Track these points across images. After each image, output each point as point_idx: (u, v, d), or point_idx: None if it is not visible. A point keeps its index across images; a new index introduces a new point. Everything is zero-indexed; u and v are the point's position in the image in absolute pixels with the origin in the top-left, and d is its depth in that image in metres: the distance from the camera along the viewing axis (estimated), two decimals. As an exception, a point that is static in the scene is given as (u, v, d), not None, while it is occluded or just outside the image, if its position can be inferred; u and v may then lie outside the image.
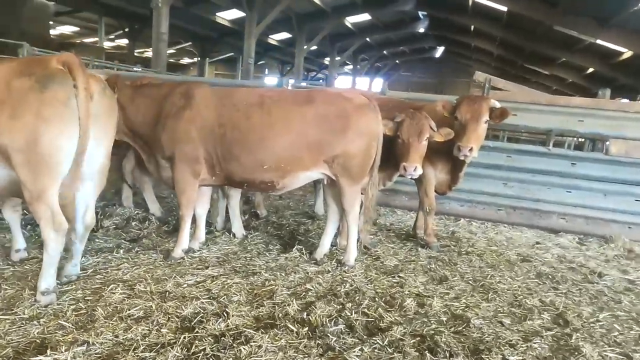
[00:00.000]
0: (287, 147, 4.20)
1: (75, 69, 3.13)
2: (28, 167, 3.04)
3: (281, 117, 4.22)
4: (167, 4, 15.00)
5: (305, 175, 4.42)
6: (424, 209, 5.42)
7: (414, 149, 4.60)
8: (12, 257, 4.00)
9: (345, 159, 4.28)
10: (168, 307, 3.33)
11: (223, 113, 4.23)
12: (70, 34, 36.33)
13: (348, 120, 4.26)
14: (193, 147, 4.26)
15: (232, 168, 4.29)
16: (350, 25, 29.63)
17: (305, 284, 3.99)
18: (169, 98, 4.36)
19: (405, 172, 4.60)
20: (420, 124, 4.66)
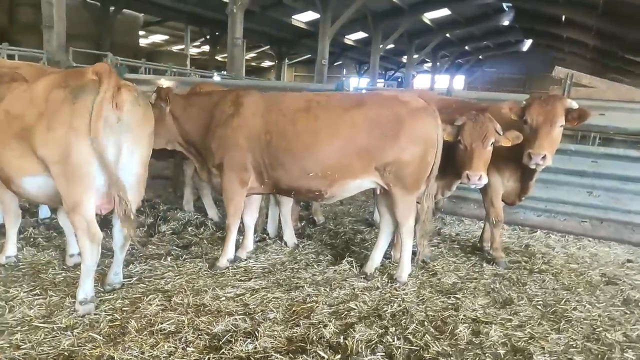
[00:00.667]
0: (333, 153, 3.97)
1: (103, 76, 3.11)
2: (63, 178, 3.08)
3: (328, 122, 4.00)
4: (241, 10, 15.34)
5: (355, 183, 4.14)
6: (490, 221, 4.91)
7: (477, 156, 4.13)
8: (67, 262, 4.14)
9: (398, 167, 3.96)
10: (200, 323, 3.22)
11: (270, 119, 4.11)
12: (160, 42, 38.75)
13: (402, 125, 3.94)
14: (241, 155, 4.16)
15: (279, 176, 4.14)
16: (428, 21, 28.63)
17: (349, 302, 3.73)
18: (219, 106, 4.31)
19: (469, 182, 4.13)
20: (485, 127, 4.18)
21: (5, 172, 3.40)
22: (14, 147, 3.24)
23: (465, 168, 4.14)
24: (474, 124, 4.20)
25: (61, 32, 10.22)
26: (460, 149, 4.22)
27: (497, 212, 4.83)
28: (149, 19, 27.97)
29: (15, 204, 4.05)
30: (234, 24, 15.46)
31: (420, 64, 41.83)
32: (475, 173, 4.08)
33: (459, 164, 4.24)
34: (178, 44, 36.55)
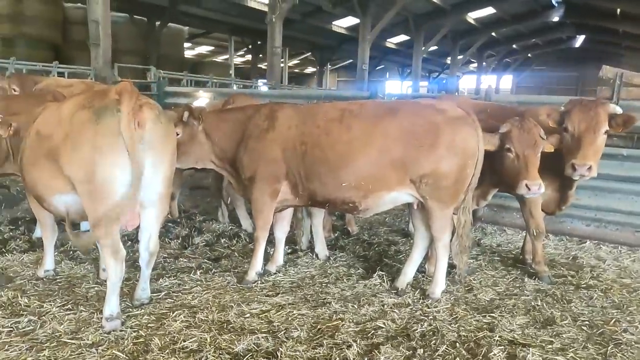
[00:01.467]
0: (367, 164, 3.86)
1: (123, 96, 3.14)
2: (88, 197, 3.14)
3: (361, 132, 3.89)
4: (280, 19, 15.47)
5: (391, 196, 4.00)
6: (531, 233, 4.62)
7: (532, 163, 3.92)
8: (100, 276, 4.24)
9: (434, 179, 3.79)
10: (222, 341, 3.19)
11: (304, 131, 4.06)
12: (206, 53, 39.85)
13: (438, 135, 3.77)
14: (275, 167, 4.13)
15: (315, 187, 4.07)
16: (472, 20, 27.88)
17: (377, 320, 3.59)
18: (253, 120, 4.30)
19: (529, 191, 3.90)
20: (532, 132, 3.96)
21: (38, 191, 3.52)
22: (44, 166, 3.34)
23: (521, 177, 3.91)
24: (520, 130, 3.98)
25: (107, 49, 10.64)
26: (509, 157, 4.00)
27: (537, 222, 4.54)
28: (194, 31, 28.83)
29: (51, 219, 4.18)
30: (273, 33, 15.61)
31: (465, 65, 40.77)
32: (535, 182, 3.87)
33: (510, 174, 4.02)
34: (223, 54, 37.46)
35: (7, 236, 5.27)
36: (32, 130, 3.57)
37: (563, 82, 39.62)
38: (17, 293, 3.83)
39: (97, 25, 10.33)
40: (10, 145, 4.12)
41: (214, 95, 9.27)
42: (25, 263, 4.54)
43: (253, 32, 27.52)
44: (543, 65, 42.78)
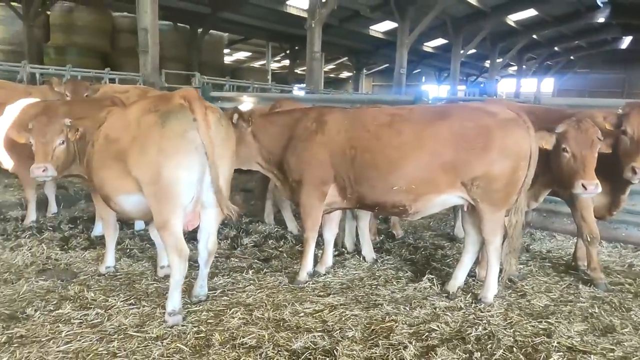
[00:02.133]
0: (417, 168, 3.89)
1: (193, 103, 3.30)
2: (154, 198, 3.30)
3: (411, 136, 3.92)
4: (319, 25, 15.65)
5: (441, 199, 4.01)
6: (584, 238, 4.52)
7: (589, 163, 3.87)
8: (158, 273, 4.41)
9: (486, 181, 3.78)
10: (280, 338, 3.27)
11: (353, 135, 4.11)
12: (244, 59, 40.64)
13: (490, 138, 3.76)
14: (322, 171, 4.20)
15: (363, 191, 4.12)
16: (512, 23, 27.38)
17: (430, 322, 3.59)
18: (301, 123, 4.38)
19: (586, 191, 3.85)
20: (590, 133, 3.92)
21: (105, 191, 3.71)
22: (112, 168, 3.53)
23: (578, 177, 3.87)
24: (577, 130, 3.94)
25: (155, 56, 11.05)
26: (565, 157, 3.97)
27: (590, 227, 4.44)
28: (233, 37, 29.47)
29: (113, 218, 4.39)
30: (313, 38, 15.81)
31: (504, 68, 40.02)
32: (591, 181, 3.81)
33: (566, 174, 3.99)
34: (260, 59, 38.10)
35: (67, 234, 5.54)
36: (100, 134, 3.77)
37: (608, 84, 38.27)
38: (83, 288, 4.03)
39: (146, 33, 10.74)
40: (77, 148, 4.35)
41: (257, 100, 9.45)
42: (87, 260, 4.77)
43: (290, 38, 27.92)
44: (587, 68, 41.47)
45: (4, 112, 5.61)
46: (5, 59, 16.39)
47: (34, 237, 5.29)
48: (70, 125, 4.11)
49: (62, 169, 4.26)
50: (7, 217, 6.01)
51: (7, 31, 18.79)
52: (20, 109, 5.65)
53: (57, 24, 19.52)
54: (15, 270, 4.42)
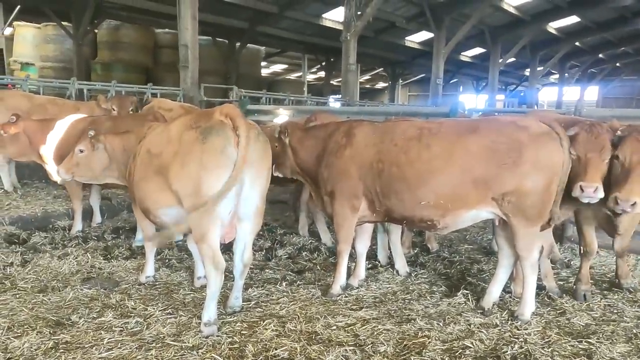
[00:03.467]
0: (446, 183, 3.86)
1: (237, 120, 3.42)
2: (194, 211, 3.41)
3: (440, 150, 3.91)
4: (354, 37, 15.75)
5: (471, 214, 3.97)
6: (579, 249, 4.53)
7: (593, 166, 3.72)
8: (195, 283, 4.53)
9: (518, 197, 3.72)
10: (312, 352, 3.30)
11: (382, 149, 4.14)
12: (280, 71, 41.27)
13: (522, 152, 3.71)
14: (352, 184, 4.25)
15: (392, 204, 4.13)
16: (554, 30, 26.70)
17: (464, 339, 3.54)
18: (333, 136, 4.47)
19: (583, 194, 3.71)
20: (601, 138, 3.79)
21: (145, 204, 3.87)
22: (153, 181, 3.68)
23: (578, 179, 3.75)
24: (588, 134, 3.82)
25: (195, 70, 11.41)
26: (572, 160, 3.83)
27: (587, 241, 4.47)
28: (270, 50, 30.03)
29: (153, 229, 4.55)
30: (348, 50, 15.92)
31: (545, 76, 38.96)
32: (590, 184, 3.67)
33: (571, 177, 3.83)
34: (296, 72, 38.59)
35: (110, 244, 5.77)
36: (141, 149, 3.94)
37: (656, 92, 36.65)
38: (124, 296, 4.20)
39: (187, 49, 11.12)
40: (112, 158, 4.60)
41: (293, 113, 9.60)
42: (128, 269, 4.96)
43: (326, 50, 28.20)
44: (634, 75, 39.82)
45: (54, 127, 5.95)
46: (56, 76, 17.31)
47: (79, 246, 5.56)
48: (92, 136, 4.38)
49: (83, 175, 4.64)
50: (56, 226, 6.32)
51: (58, 49, 19.86)
52: (69, 124, 5.98)
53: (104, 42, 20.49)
54: (62, 278, 4.64)
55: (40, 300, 4.08)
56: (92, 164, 4.55)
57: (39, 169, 8.04)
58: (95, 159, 4.53)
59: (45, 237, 5.87)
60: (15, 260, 4.97)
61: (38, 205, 6.95)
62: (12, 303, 4.00)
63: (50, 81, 12.72)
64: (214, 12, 18.86)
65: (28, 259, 5.07)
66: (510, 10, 22.52)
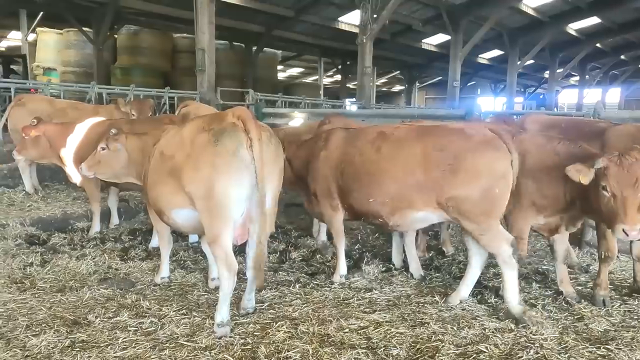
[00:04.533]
0: (390, 183, 4.15)
1: (247, 122, 3.45)
2: (206, 213, 3.45)
3: (387, 152, 4.20)
4: (370, 40, 15.75)
5: (419, 215, 4.19)
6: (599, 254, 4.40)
7: (631, 205, 3.49)
8: (209, 284, 4.57)
9: (457, 202, 3.91)
10: (324, 354, 3.29)
11: (345, 151, 4.53)
12: (296, 75, 41.43)
13: (460, 160, 3.88)
14: (327, 184, 4.64)
15: (351, 201, 4.52)
16: (574, 32, 26.30)
17: (478, 344, 3.49)
18: (317, 142, 4.90)
19: (627, 237, 3.57)
20: (634, 169, 3.50)
21: (159, 205, 3.92)
22: (166, 183, 3.73)
23: (619, 221, 3.54)
24: (620, 167, 3.57)
25: (211, 74, 11.54)
26: (605, 196, 3.64)
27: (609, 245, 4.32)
28: (286, 54, 30.20)
29: (168, 231, 4.61)
30: (364, 53, 15.92)
31: (565, 79, 38.37)
32: (634, 227, 3.47)
33: (606, 214, 3.69)
34: (312, 75, 38.72)
35: (127, 245, 5.85)
36: (155, 151, 4.00)
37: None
38: (139, 297, 4.25)
39: (204, 53, 11.26)
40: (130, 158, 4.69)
41: (308, 116, 9.63)
42: (144, 270, 5.02)
43: (342, 53, 28.25)
44: (658, 76, 39.00)
45: (74, 130, 6.07)
46: (76, 80, 17.67)
47: (97, 247, 5.64)
48: (114, 134, 4.53)
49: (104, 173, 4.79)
50: (74, 227, 6.44)
51: (79, 54, 20.29)
52: (88, 127, 6.09)
53: (124, 47, 20.87)
54: (80, 278, 4.72)
55: (59, 300, 4.16)
56: (112, 161, 4.67)
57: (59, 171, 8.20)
58: (114, 157, 4.64)
59: (64, 238, 5.98)
60: (35, 261, 5.08)
61: (58, 207, 7.09)
62: (31, 302, 4.09)
63: (71, 85, 13.01)
64: (231, 16, 19.05)
65: (47, 259, 5.18)
66: (529, 11, 22.26)
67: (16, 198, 7.45)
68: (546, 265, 5.38)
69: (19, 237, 5.85)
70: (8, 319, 3.75)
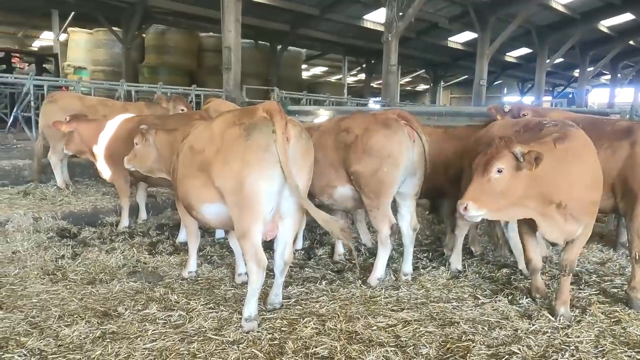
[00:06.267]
0: (318, 165, 4.34)
1: (274, 116, 3.43)
2: (236, 207, 3.44)
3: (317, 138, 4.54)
4: (396, 38, 15.59)
5: (342, 190, 4.67)
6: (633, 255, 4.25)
7: (473, 182, 3.50)
8: (236, 280, 4.58)
9: (356, 177, 4.45)
10: (352, 351, 3.25)
11: None
12: (321, 74, 41.38)
13: (357, 139, 4.42)
14: None
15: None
16: (605, 29, 25.51)
17: (510, 345, 3.40)
18: None
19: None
20: (490, 153, 3.47)
21: (188, 200, 3.93)
22: (196, 178, 3.74)
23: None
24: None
25: (237, 72, 11.59)
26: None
27: None
28: (311, 53, 30.18)
29: (196, 225, 4.64)
30: (389, 51, 15.77)
31: (596, 77, 37.34)
32: (461, 202, 3.45)
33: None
34: (336, 74, 38.60)
35: (155, 240, 5.93)
36: (184, 146, 4.02)
37: None
38: (168, 290, 4.29)
39: (229, 51, 11.32)
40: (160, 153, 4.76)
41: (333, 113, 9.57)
42: (172, 264, 5.07)
43: (367, 52, 28.07)
44: (694, 75, 37.55)
45: (105, 127, 6.18)
46: (105, 78, 18.02)
47: (126, 242, 5.73)
48: (144, 130, 4.66)
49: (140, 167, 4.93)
50: (104, 222, 6.56)
51: (108, 53, 20.70)
52: (118, 123, 6.19)
53: (151, 46, 21.18)
54: (109, 271, 4.80)
55: (89, 292, 4.23)
56: (144, 156, 4.81)
57: (89, 167, 8.38)
58: (145, 152, 4.78)
59: (94, 232, 6.10)
60: (66, 253, 5.19)
61: (88, 202, 7.23)
62: (63, 293, 4.17)
63: (100, 83, 13.25)
64: (256, 15, 19.13)
65: (78, 252, 5.28)
66: (559, 8, 21.70)
67: (48, 193, 7.63)
68: (579, 266, 5.23)
69: (51, 230, 5.99)
70: (42, 309, 3.83)
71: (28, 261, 4.91)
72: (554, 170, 3.45)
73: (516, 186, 3.42)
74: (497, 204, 3.46)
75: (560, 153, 3.53)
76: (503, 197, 3.43)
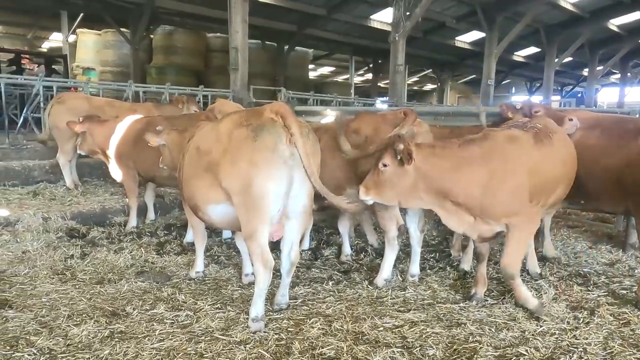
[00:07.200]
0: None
1: (288, 118, 3.44)
2: (243, 208, 3.45)
3: None
4: (403, 37, 15.55)
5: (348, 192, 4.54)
6: None
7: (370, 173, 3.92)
8: (243, 280, 4.59)
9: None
10: (358, 351, 3.25)
11: None
12: (328, 74, 41.37)
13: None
14: None
15: None
16: (615, 27, 25.28)
17: (518, 346, 3.39)
18: None
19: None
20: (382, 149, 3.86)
21: (194, 201, 3.95)
22: (202, 178, 3.75)
23: None
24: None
25: (244, 73, 11.63)
26: None
27: None
28: (318, 53, 30.18)
29: (202, 226, 4.66)
30: (396, 51, 15.74)
31: (605, 77, 37.00)
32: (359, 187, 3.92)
33: None
34: (343, 74, 38.58)
35: (162, 240, 5.96)
36: (190, 146, 4.04)
37: None
38: (175, 290, 4.31)
39: (237, 52, 11.35)
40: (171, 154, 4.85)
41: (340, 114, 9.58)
42: (179, 264, 5.10)
43: (374, 52, 28.04)
44: None
45: (114, 128, 6.23)
46: (114, 79, 18.16)
47: (134, 242, 5.77)
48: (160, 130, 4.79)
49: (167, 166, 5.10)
50: (112, 222, 6.60)
51: (116, 54, 20.86)
52: (127, 124, 6.23)
53: (159, 46, 21.30)
54: (118, 271, 4.83)
55: (98, 291, 4.26)
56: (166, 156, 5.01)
57: (98, 167, 8.45)
58: (165, 152, 4.98)
59: (102, 232, 6.15)
60: (75, 253, 5.23)
61: (96, 202, 7.28)
62: (72, 293, 4.21)
63: (109, 84, 13.34)
64: (263, 15, 19.17)
65: (87, 252, 5.32)
66: (568, 7, 21.54)
67: (57, 193, 7.70)
68: (587, 267, 5.20)
69: (60, 230, 6.04)
70: (51, 309, 3.87)
71: (38, 261, 4.96)
72: (448, 169, 3.72)
73: (403, 179, 3.76)
74: (386, 194, 3.84)
75: (463, 154, 3.75)
76: (391, 188, 3.79)
